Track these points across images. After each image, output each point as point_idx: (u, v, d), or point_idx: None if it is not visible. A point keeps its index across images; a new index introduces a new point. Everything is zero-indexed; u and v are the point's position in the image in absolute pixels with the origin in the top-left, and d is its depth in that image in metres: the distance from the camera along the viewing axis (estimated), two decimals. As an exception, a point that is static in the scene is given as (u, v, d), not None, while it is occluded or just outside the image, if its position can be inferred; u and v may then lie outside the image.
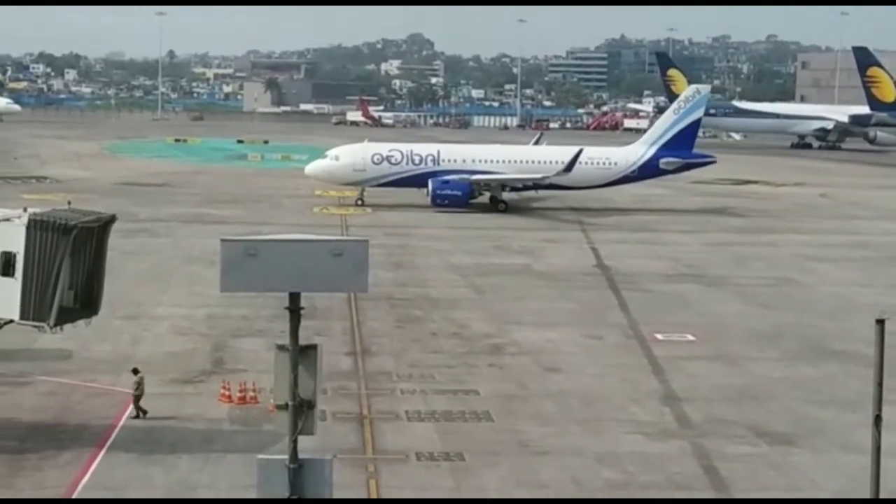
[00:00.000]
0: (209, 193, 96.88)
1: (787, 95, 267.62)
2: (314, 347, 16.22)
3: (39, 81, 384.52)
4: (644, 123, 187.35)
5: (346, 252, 15.78)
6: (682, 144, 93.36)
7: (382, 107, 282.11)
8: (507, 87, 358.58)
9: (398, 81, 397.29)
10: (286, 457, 15.95)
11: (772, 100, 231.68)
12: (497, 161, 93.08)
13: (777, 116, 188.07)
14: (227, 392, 37.47)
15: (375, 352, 44.82)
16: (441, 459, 32.69)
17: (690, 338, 48.61)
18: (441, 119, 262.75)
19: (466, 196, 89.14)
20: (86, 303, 32.99)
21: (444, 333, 48.32)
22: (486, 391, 39.59)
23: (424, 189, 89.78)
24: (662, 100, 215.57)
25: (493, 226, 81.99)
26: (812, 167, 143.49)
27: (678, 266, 67.04)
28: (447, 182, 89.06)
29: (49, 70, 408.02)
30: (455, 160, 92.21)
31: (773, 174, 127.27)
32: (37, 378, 39.21)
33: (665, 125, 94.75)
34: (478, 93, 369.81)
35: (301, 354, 16.02)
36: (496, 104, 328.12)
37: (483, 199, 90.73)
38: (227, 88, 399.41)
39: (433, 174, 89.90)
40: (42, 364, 40.35)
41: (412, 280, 60.44)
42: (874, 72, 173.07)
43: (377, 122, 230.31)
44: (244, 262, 15.52)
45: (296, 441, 15.96)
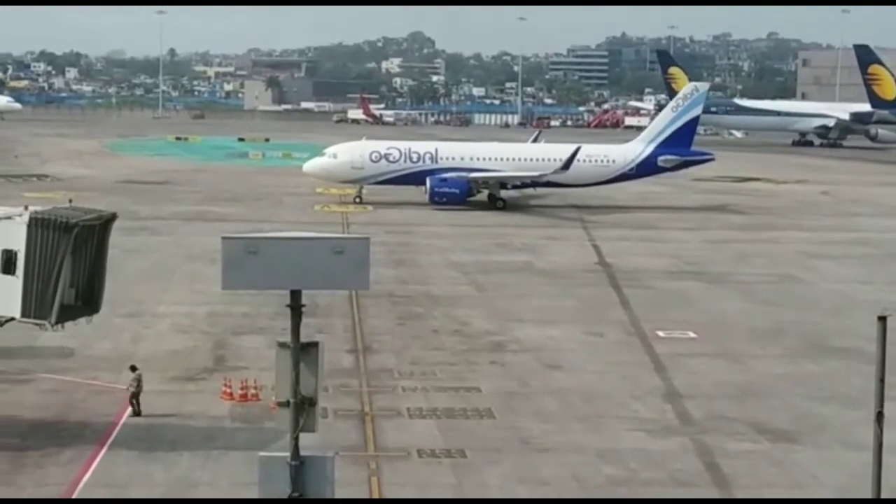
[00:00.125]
0: (210, 191, 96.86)
1: (789, 93, 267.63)
2: (315, 345, 16.17)
3: (40, 80, 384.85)
4: (645, 121, 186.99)
5: (348, 250, 15.73)
6: (681, 142, 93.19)
7: (383, 105, 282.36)
8: (508, 85, 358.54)
9: (399, 79, 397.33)
10: (287, 454, 15.92)
11: (773, 97, 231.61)
12: (495, 159, 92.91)
13: (778, 114, 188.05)
14: (229, 389, 37.47)
15: (377, 349, 44.80)
16: (443, 456, 32.68)
17: (692, 335, 48.59)
18: (442, 117, 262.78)
19: (464, 194, 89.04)
20: (87, 301, 33.02)
21: (446, 331, 48.30)
22: (488, 388, 39.58)
23: (423, 187, 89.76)
24: (663, 98, 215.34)
25: (495, 223, 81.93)
26: (813, 164, 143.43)
27: (680, 263, 67.01)
28: (445, 180, 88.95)
29: (50, 68, 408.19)
30: (453, 158, 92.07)
31: (775, 171, 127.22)
32: (38, 376, 39.24)
33: (663, 123, 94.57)
34: (479, 91, 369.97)
35: (302, 352, 15.98)
36: (497, 102, 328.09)
37: (481, 197, 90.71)
38: (228, 87, 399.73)
39: (431, 172, 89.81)
40: (43, 362, 40.38)
41: (413, 277, 60.41)
42: (875, 69, 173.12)
43: (378, 121, 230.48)
44: (245, 260, 15.47)
45: (297, 438, 15.93)
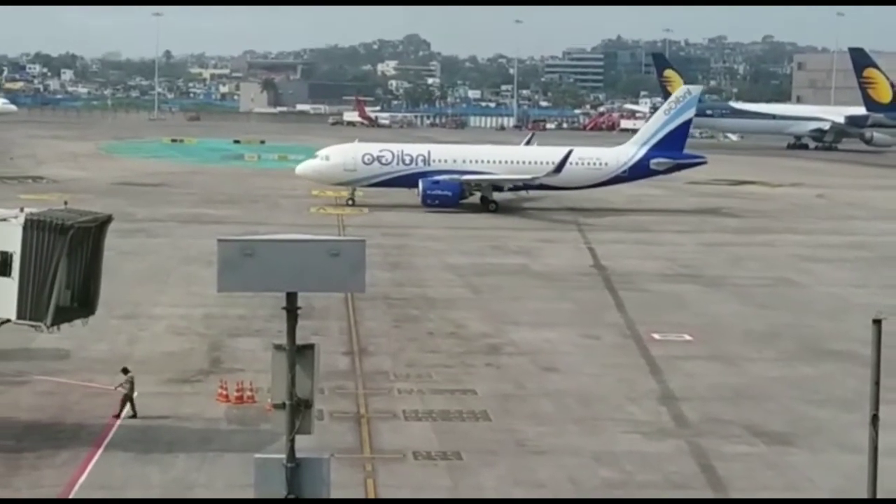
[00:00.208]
0: (206, 193, 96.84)
1: (784, 96, 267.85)
2: (311, 347, 16.20)
3: (36, 81, 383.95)
4: (641, 124, 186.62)
5: (344, 252, 15.76)
6: (673, 145, 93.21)
7: (379, 107, 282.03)
8: (504, 88, 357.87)
9: (395, 82, 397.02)
10: (283, 456, 15.94)
11: (768, 100, 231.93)
12: (487, 161, 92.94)
13: (773, 117, 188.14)
14: (225, 391, 37.46)
15: (373, 351, 44.80)
16: (438, 459, 32.68)
17: (687, 337, 48.62)
18: (438, 119, 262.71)
19: (457, 196, 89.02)
20: (83, 302, 33.01)
21: (442, 333, 48.30)
22: (484, 391, 39.58)
23: (415, 189, 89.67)
24: (659, 100, 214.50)
25: (490, 226, 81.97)
26: (808, 168, 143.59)
27: (675, 266, 67.06)
28: (437, 182, 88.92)
29: (45, 70, 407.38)
30: (445, 160, 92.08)
31: (770, 175, 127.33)
32: (34, 377, 39.19)
33: (656, 126, 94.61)
34: (474, 93, 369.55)
35: (298, 354, 16.01)
36: (493, 105, 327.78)
37: (474, 200, 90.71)
38: (224, 89, 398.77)
39: (423, 174, 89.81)
40: (39, 363, 40.35)
41: (409, 280, 60.41)
42: (870, 73, 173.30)
43: (374, 123, 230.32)
44: (241, 262, 15.50)
45: (293, 440, 15.95)
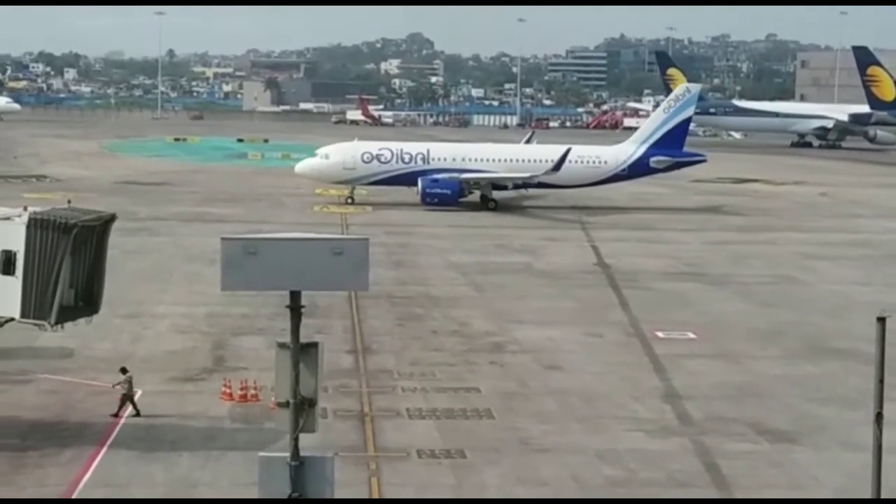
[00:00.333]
0: (209, 192, 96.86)
1: (787, 94, 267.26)
2: (315, 345, 16.17)
3: (39, 80, 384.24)
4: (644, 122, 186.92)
5: (347, 250, 15.74)
6: (673, 143, 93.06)
7: (382, 106, 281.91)
8: (507, 87, 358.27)
9: (398, 80, 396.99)
10: (287, 454, 15.93)
11: (771, 99, 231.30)
12: (487, 160, 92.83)
13: (777, 115, 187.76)
14: (228, 390, 37.50)
15: (376, 350, 44.84)
16: (442, 457, 32.72)
17: (691, 336, 48.63)
18: (441, 118, 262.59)
19: (456, 195, 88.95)
20: (86, 301, 33.07)
21: (445, 331, 48.33)
22: (487, 389, 39.61)
23: (415, 188, 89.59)
24: (662, 99, 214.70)
25: (494, 224, 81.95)
26: (812, 166, 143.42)
27: (678, 264, 67.04)
28: (437, 181, 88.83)
29: (49, 69, 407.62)
30: (445, 159, 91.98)
31: (774, 173, 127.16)
32: (38, 376, 39.27)
33: (655, 124, 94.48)
34: (477, 92, 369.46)
35: (302, 352, 15.98)
36: (496, 103, 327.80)
37: (473, 198, 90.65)
38: (227, 87, 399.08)
39: (423, 173, 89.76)
40: (43, 362, 40.41)
41: (413, 278, 60.43)
42: (874, 71, 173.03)
43: (377, 122, 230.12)
44: (244, 261, 15.48)
45: (297, 439, 15.93)
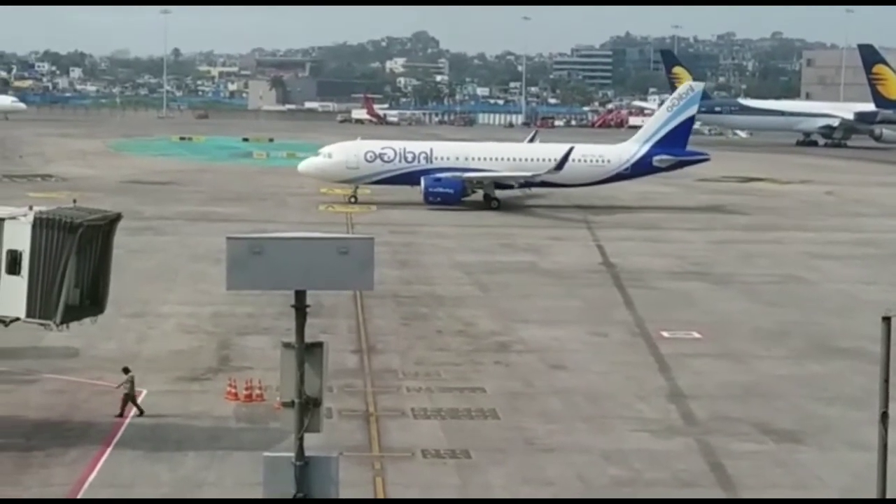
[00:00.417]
0: (214, 191, 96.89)
1: (793, 93, 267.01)
2: (320, 345, 16.20)
3: (44, 80, 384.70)
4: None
5: (352, 250, 15.77)
6: (676, 142, 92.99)
7: (387, 105, 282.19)
8: (512, 85, 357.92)
9: (403, 79, 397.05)
10: (292, 454, 15.95)
11: (777, 97, 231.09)
12: (489, 159, 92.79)
13: (782, 114, 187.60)
14: (234, 390, 37.50)
15: (381, 349, 44.83)
16: (447, 457, 32.70)
17: (696, 335, 48.58)
18: (446, 117, 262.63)
19: (459, 194, 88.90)
20: (92, 301, 33.08)
21: (450, 331, 48.29)
22: (492, 389, 39.59)
23: (418, 187, 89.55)
24: (667, 97, 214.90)
25: (499, 223, 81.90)
26: (818, 165, 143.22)
27: (684, 264, 66.98)
28: (439, 180, 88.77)
29: (54, 68, 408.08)
30: (447, 158, 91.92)
31: (779, 172, 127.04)
32: (43, 376, 39.30)
33: (658, 123, 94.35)
34: (483, 91, 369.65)
35: (307, 352, 16.01)
36: (501, 102, 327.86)
37: (476, 197, 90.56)
38: (232, 87, 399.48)
39: (426, 172, 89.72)
40: (48, 362, 40.45)
41: (418, 278, 60.41)
42: (880, 69, 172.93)
43: (382, 120, 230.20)
44: (250, 260, 15.52)
45: (302, 438, 15.95)
